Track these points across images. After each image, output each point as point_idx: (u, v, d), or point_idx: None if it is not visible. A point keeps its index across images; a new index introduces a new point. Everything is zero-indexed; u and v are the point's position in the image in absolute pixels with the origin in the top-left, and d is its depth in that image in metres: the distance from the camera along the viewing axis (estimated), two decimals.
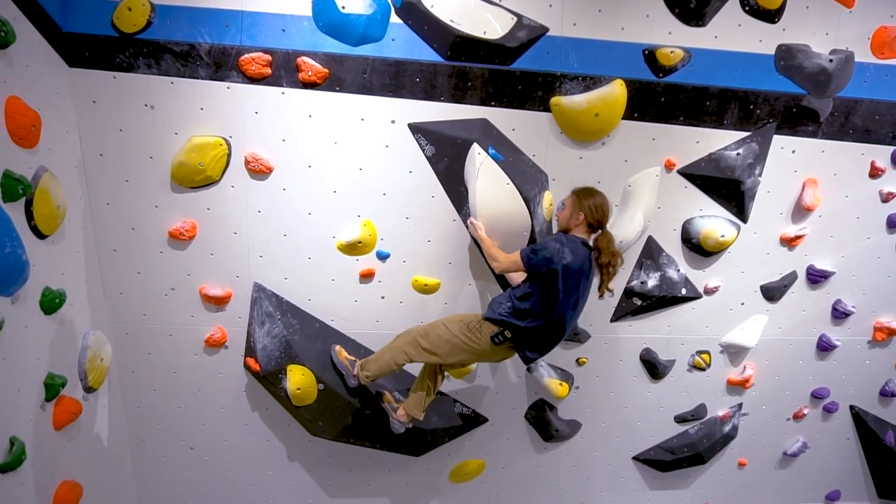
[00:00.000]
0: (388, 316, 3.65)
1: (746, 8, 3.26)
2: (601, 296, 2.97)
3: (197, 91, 3.03)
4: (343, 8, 2.96)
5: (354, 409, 3.62)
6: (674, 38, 3.26)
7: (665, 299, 3.77)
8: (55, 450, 2.92)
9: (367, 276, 3.52)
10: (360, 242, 3.39)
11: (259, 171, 3.19)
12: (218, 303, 3.46)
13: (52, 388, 2.83)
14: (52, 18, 2.75)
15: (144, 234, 3.28)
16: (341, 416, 3.65)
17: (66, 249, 2.98)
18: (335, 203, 3.33)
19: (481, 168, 3.20)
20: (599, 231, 2.99)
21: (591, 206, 2.97)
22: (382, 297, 3.59)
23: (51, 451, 2.88)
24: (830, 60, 3.32)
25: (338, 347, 3.46)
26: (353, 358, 3.44)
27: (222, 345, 3.59)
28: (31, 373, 2.71)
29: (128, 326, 3.49)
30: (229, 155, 3.15)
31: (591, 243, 2.97)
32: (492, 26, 3.05)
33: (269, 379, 3.52)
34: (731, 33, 3.30)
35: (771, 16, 3.28)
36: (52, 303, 2.78)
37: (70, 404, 2.99)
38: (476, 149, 3.19)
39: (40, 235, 2.69)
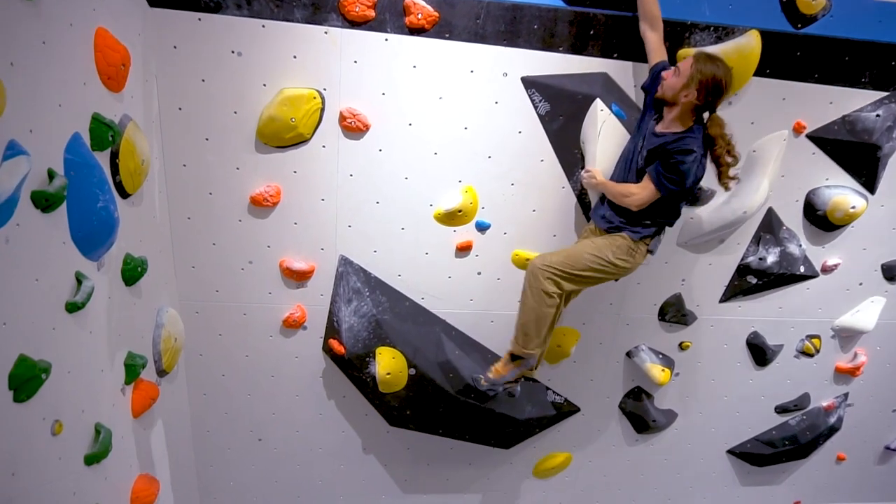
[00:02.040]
0: (483, 294, 3.32)
1: None
2: (727, 188, 2.73)
3: (291, 36, 2.68)
4: None
5: (447, 397, 3.29)
6: None
7: (782, 278, 3.45)
8: (134, 439, 2.58)
9: (463, 250, 3.18)
10: (460, 211, 3.06)
11: (355, 128, 2.85)
12: (300, 278, 3.13)
13: (133, 369, 2.50)
14: None
15: (223, 200, 2.94)
16: (432, 404, 3.33)
17: (145, 213, 2.64)
18: (435, 166, 3.00)
19: (603, 127, 2.87)
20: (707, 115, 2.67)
21: (710, 81, 2.55)
22: (479, 273, 3.26)
23: (129, 440, 2.55)
24: None
25: (491, 374, 3.03)
26: (506, 357, 3.00)
27: (301, 325, 3.26)
28: (114, 351, 2.37)
29: (198, 304, 3.15)
30: (322, 110, 2.81)
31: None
32: None
33: (355, 363, 3.20)
34: None
35: None
36: (134, 272, 2.44)
37: (148, 388, 2.65)
38: (599, 105, 2.86)
39: (124, 193, 2.35)
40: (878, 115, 3.10)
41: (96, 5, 2.09)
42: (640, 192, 2.69)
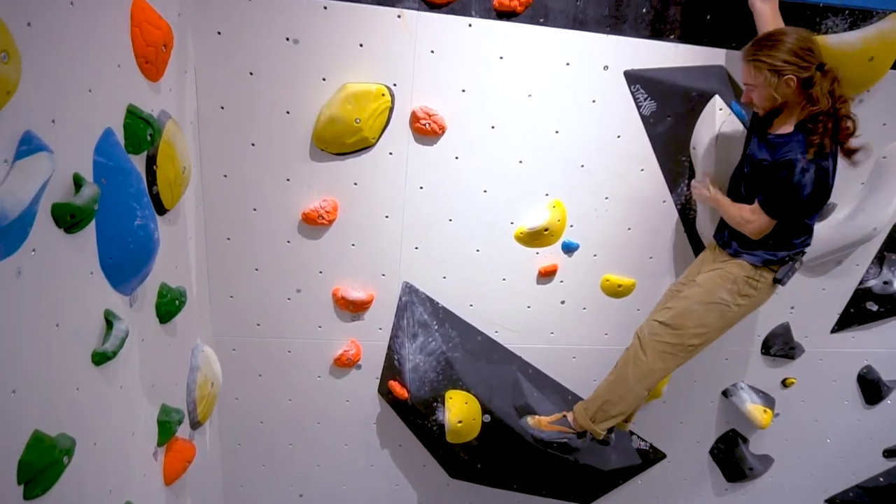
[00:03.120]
0: (565, 327, 2.85)
1: None
2: (854, 164, 2.16)
3: (357, 20, 2.23)
4: None
5: (525, 447, 2.80)
6: None
7: None
8: None
9: (547, 275, 2.72)
10: (546, 230, 2.60)
11: (429, 131, 2.39)
12: (356, 309, 2.66)
13: (167, 427, 2.01)
14: None
15: (269, 218, 2.47)
16: (506, 456, 2.83)
17: (182, 233, 2.17)
18: (520, 177, 2.54)
19: (721, 129, 2.42)
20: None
21: (790, 50, 2.03)
22: (562, 302, 2.79)
23: None
24: None
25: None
26: (559, 416, 2.60)
27: (355, 364, 2.78)
28: (146, 407, 1.88)
29: (236, 340, 2.67)
30: (391, 110, 2.36)
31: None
32: None
33: (420, 409, 2.71)
34: None
35: None
36: (171, 306, 1.96)
37: (184, 448, 2.16)
38: (717, 102, 2.42)
39: (161, 209, 1.87)
40: None
41: None
42: (755, 220, 2.21)
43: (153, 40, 1.70)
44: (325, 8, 2.21)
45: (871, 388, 3.24)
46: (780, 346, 3.04)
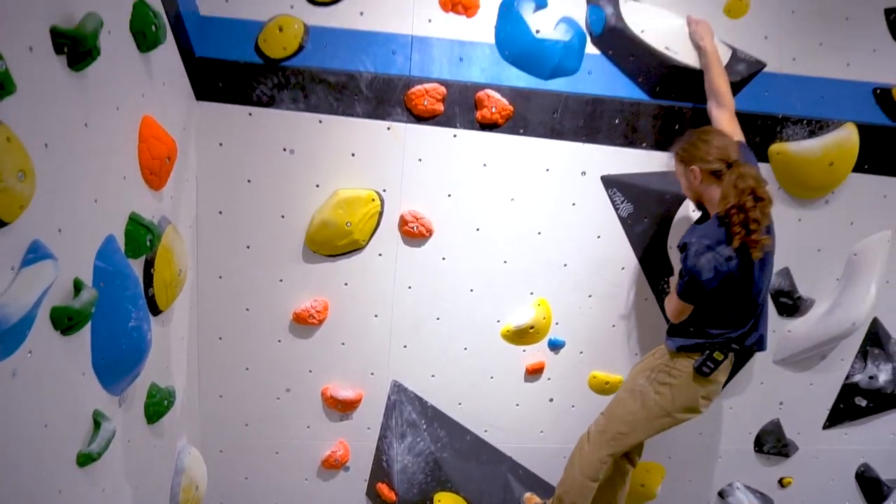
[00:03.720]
0: (555, 424, 2.84)
1: None
2: (753, 258, 2.12)
3: (350, 132, 2.41)
4: (537, 32, 2.42)
5: None
6: None
7: (891, 399, 3.00)
8: None
9: (534, 372, 2.75)
10: (531, 328, 2.65)
11: (416, 234, 2.51)
12: (345, 408, 2.66)
13: None
14: (189, 37, 2.17)
15: (261, 318, 2.53)
16: None
17: (174, 333, 2.22)
18: (505, 277, 2.63)
19: None
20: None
21: (691, 145, 2.23)
22: (551, 400, 2.80)
23: None
24: None
25: (527, 496, 2.62)
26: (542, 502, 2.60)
27: (343, 465, 2.74)
28: None
29: (224, 441, 2.66)
30: (381, 214, 2.48)
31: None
32: None
33: None
34: None
35: None
36: (159, 406, 1.98)
37: None
38: (691, 205, 2.55)
39: (155, 310, 1.93)
40: None
41: (146, 90, 1.79)
42: (671, 302, 2.33)
43: (158, 154, 1.83)
44: (321, 121, 2.38)
45: (871, 488, 3.18)
46: (772, 443, 3.02)
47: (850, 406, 3.02)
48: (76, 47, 1.31)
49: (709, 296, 2.18)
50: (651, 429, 2.38)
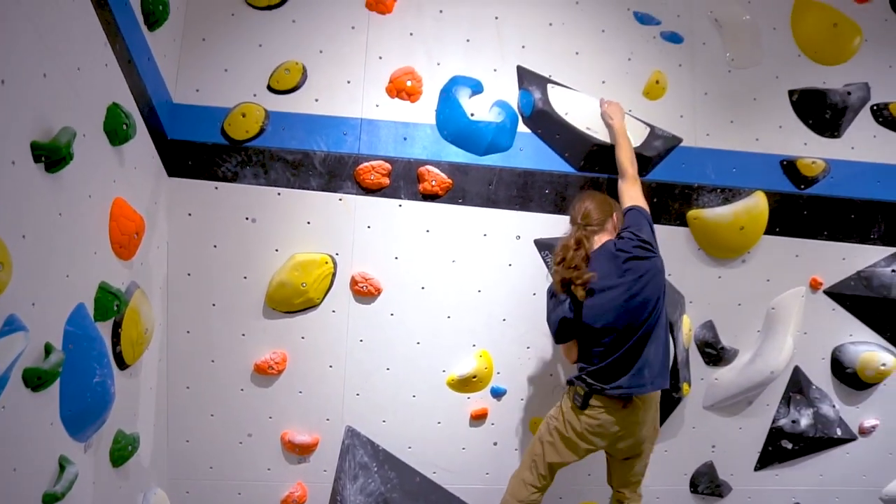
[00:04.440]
0: (500, 466, 3.04)
1: (880, 119, 3.10)
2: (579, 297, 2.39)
3: (306, 203, 2.71)
4: (472, 115, 2.74)
5: None
6: (809, 149, 3.06)
7: (818, 441, 3.22)
8: None
9: (478, 418, 2.98)
10: (474, 377, 2.90)
11: (366, 293, 2.78)
12: (302, 452, 2.89)
13: None
14: (161, 123, 2.49)
15: (226, 368, 2.79)
16: None
17: (142, 384, 2.47)
18: (448, 330, 2.89)
19: None
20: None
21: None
22: (495, 444, 3.02)
23: None
24: None
25: None
26: None
27: None
28: None
29: (190, 483, 2.87)
30: (334, 275, 2.76)
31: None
32: None
33: None
34: (868, 144, 3.10)
35: None
36: (123, 451, 2.22)
37: None
38: None
39: (122, 364, 2.20)
40: (893, 271, 3.08)
41: (117, 176, 2.10)
42: (565, 356, 2.67)
43: (127, 230, 2.12)
44: (279, 194, 2.69)
45: None
46: (706, 483, 3.22)
47: (777, 449, 3.23)
48: (52, 156, 1.61)
49: (560, 336, 2.47)
50: (561, 450, 2.51)
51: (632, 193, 2.60)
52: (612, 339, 2.37)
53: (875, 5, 3.18)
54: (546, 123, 2.81)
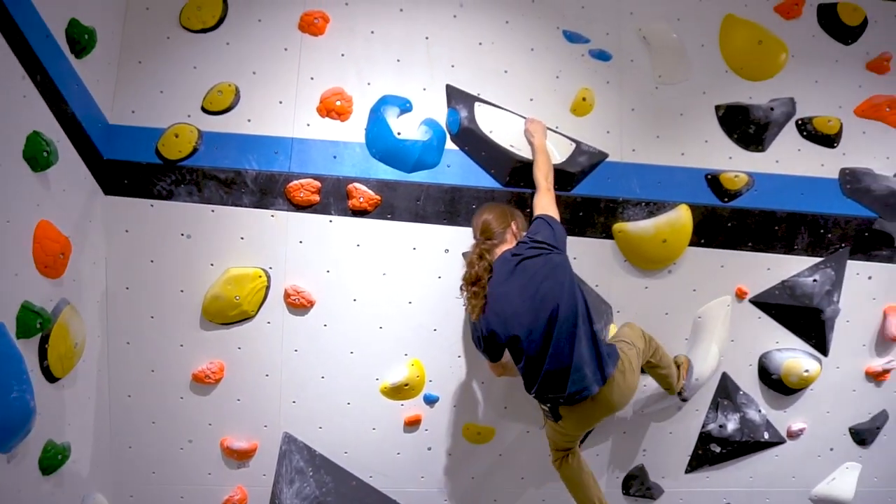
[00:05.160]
0: (434, 470, 3.17)
1: (804, 133, 3.19)
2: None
3: (239, 219, 2.82)
4: (398, 134, 2.85)
5: None
6: (734, 162, 3.15)
7: (746, 445, 3.33)
8: None
9: (412, 424, 3.09)
10: (406, 385, 3.01)
11: (299, 305, 2.89)
12: (241, 457, 3.00)
13: None
14: (94, 144, 2.59)
15: (165, 377, 2.90)
16: None
17: (77, 395, 2.59)
18: (381, 340, 3.00)
19: None
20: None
21: None
22: (429, 449, 3.14)
23: None
24: None
25: None
26: None
27: None
28: None
29: (133, 487, 2.99)
30: (268, 288, 2.87)
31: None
32: (549, 151, 2.91)
33: None
34: (792, 158, 3.19)
35: (830, 140, 3.20)
36: (53, 460, 2.34)
37: None
38: None
39: (51, 378, 2.32)
40: (815, 280, 3.17)
41: (41, 200, 2.21)
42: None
43: (52, 252, 2.24)
44: (213, 211, 2.80)
45: None
46: (637, 486, 3.33)
47: (707, 452, 3.34)
48: None
49: (490, 355, 2.55)
50: (564, 438, 2.69)
51: (542, 203, 2.65)
52: (529, 347, 2.36)
53: (803, 21, 3.27)
54: (472, 141, 2.91)
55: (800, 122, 3.20)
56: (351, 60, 2.91)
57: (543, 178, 2.70)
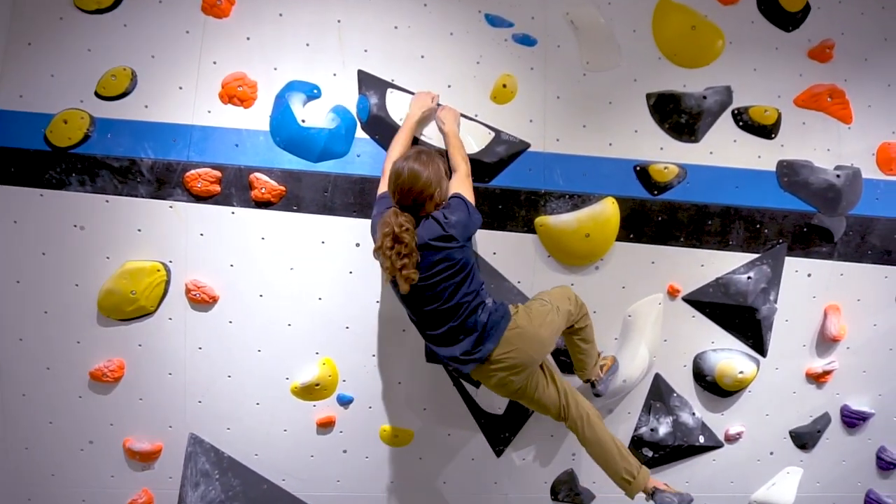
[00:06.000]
0: (351, 474, 3.04)
1: (740, 123, 3.04)
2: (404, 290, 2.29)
3: (135, 210, 2.69)
4: (303, 122, 2.71)
5: None
6: (666, 153, 3.00)
7: (680, 449, 3.19)
8: None
9: (325, 426, 2.96)
10: (318, 385, 2.88)
11: (201, 300, 2.76)
12: (145, 459, 2.88)
13: None
14: None
15: (62, 376, 2.78)
16: None
17: None
18: (290, 338, 2.87)
19: None
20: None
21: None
22: (344, 451, 3.01)
23: None
24: (837, 176, 3.04)
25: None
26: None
27: None
28: None
29: (31, 490, 2.87)
30: (168, 282, 2.74)
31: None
32: (466, 141, 2.76)
33: None
34: (727, 149, 3.04)
35: (767, 131, 3.05)
36: None
37: None
38: None
39: None
40: (749, 278, 3.03)
41: None
42: None
43: None
44: (107, 202, 2.67)
45: None
46: (566, 491, 3.20)
47: (640, 457, 3.21)
48: None
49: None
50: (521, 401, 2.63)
51: (462, 189, 2.45)
52: (434, 312, 2.36)
53: (742, 7, 3.11)
54: (382, 129, 2.77)
55: (736, 111, 3.05)
56: (257, 44, 2.77)
57: (462, 161, 2.53)
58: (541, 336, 2.43)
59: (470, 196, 2.44)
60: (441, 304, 2.32)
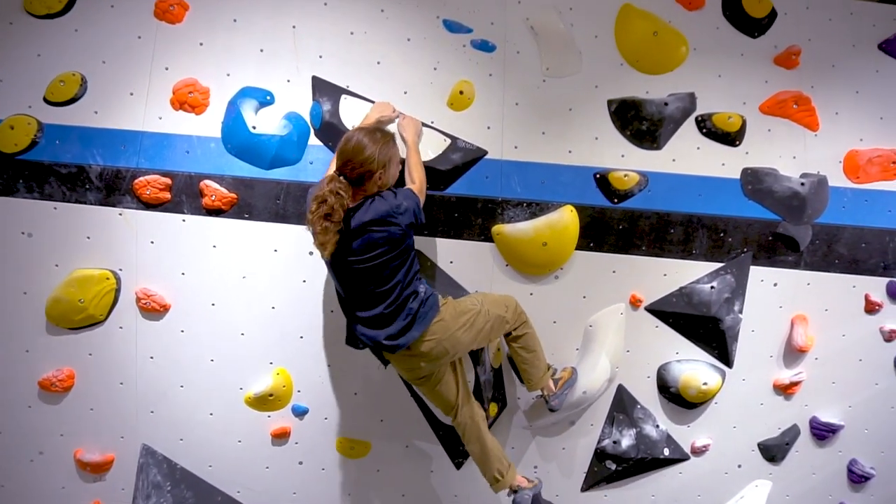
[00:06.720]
0: (307, 486, 2.99)
1: (704, 130, 3.00)
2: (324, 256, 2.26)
3: (84, 217, 2.66)
4: (253, 128, 2.67)
5: None
6: (627, 161, 2.96)
7: (644, 462, 3.13)
8: None
9: (280, 437, 2.92)
10: (271, 395, 2.84)
11: (152, 309, 2.72)
12: (96, 470, 2.84)
13: None
14: None
15: (10, 385, 2.75)
16: None
17: None
18: (243, 347, 2.83)
19: None
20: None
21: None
22: (300, 463, 2.96)
23: None
24: (802, 184, 2.99)
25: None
26: None
27: None
28: None
29: None
30: (118, 290, 2.70)
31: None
32: (421, 149, 2.72)
33: None
34: (691, 156, 3.00)
35: (731, 139, 3.01)
36: None
37: None
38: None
39: None
40: (712, 287, 2.98)
41: None
42: None
43: None
44: (55, 208, 2.64)
45: None
46: None
47: (603, 470, 3.15)
48: None
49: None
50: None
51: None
52: (353, 293, 2.38)
53: (706, 13, 3.07)
54: (335, 136, 2.71)
55: (699, 118, 3.01)
56: (210, 50, 2.74)
57: (418, 177, 2.48)
58: (457, 336, 2.45)
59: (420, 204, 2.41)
60: (377, 285, 2.31)
